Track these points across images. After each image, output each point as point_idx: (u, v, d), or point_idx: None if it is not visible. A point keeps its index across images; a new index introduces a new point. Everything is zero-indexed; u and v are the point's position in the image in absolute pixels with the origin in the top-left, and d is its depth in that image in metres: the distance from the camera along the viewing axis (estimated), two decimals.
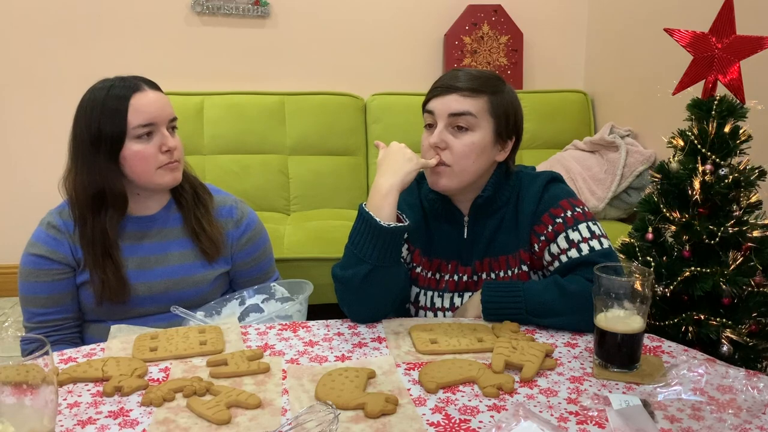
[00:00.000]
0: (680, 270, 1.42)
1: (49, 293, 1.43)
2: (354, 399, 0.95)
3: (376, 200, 1.25)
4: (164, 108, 1.42)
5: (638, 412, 0.90)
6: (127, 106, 1.37)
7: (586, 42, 3.46)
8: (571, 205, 1.34)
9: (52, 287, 1.44)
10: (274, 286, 1.51)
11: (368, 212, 1.23)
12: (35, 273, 1.43)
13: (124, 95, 1.38)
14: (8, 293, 3.08)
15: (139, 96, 1.39)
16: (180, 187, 1.49)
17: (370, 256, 1.21)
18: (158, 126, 1.40)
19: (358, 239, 1.23)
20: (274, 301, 1.50)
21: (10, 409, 0.76)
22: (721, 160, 1.43)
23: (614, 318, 1.06)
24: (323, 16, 3.24)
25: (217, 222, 1.52)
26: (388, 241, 1.22)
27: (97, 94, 1.40)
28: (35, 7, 3.01)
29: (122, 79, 1.43)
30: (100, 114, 1.37)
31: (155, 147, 1.40)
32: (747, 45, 1.41)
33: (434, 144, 1.31)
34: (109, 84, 1.41)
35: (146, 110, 1.39)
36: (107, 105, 1.38)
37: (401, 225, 1.23)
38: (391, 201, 1.24)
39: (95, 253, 1.41)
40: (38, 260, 1.43)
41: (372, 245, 1.21)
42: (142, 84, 1.42)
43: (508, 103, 1.34)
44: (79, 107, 1.42)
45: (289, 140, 3.11)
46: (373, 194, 1.26)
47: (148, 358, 1.11)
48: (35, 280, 1.43)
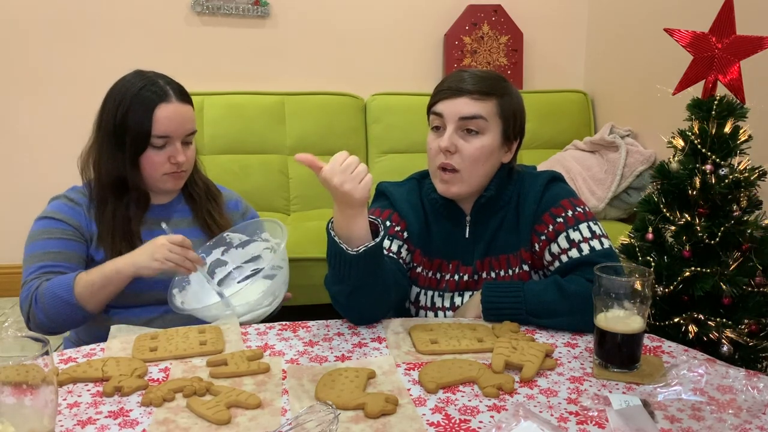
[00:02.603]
0: (680, 270, 1.43)
1: (60, 249, 1.43)
2: (354, 399, 0.95)
3: (343, 223, 1.14)
4: (183, 124, 1.47)
5: (638, 412, 0.90)
6: (152, 116, 1.42)
7: (586, 42, 3.46)
8: (572, 204, 1.34)
9: (63, 244, 1.43)
10: (228, 236, 1.51)
11: (335, 240, 1.14)
12: (48, 231, 1.44)
13: (150, 103, 1.43)
14: (8, 293, 3.08)
15: (164, 107, 1.43)
16: (193, 182, 1.57)
17: (349, 278, 1.16)
18: (173, 139, 1.46)
19: (333, 262, 1.17)
20: (234, 249, 1.51)
21: (10, 409, 0.76)
22: (721, 160, 1.43)
23: (614, 318, 1.06)
24: (323, 16, 3.24)
25: (226, 214, 1.60)
26: (363, 263, 1.15)
27: (129, 90, 1.44)
28: (34, 7, 3.01)
29: (153, 82, 1.46)
30: (127, 111, 1.43)
31: (165, 156, 1.46)
32: (747, 45, 1.41)
33: (445, 148, 1.30)
34: (141, 84, 1.45)
35: (166, 124, 1.43)
36: (134, 107, 1.42)
37: (373, 244, 1.14)
38: (359, 221, 1.14)
39: (113, 237, 1.44)
40: (51, 221, 1.45)
41: (348, 269, 1.15)
42: (171, 93, 1.45)
43: (515, 105, 1.35)
44: (110, 96, 1.47)
45: (289, 140, 3.11)
46: (337, 219, 1.15)
47: (148, 358, 1.11)
48: (47, 237, 1.43)
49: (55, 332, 1.41)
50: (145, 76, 1.47)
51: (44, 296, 1.35)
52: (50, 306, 1.34)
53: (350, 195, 1.10)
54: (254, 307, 1.35)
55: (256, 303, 1.35)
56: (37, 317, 1.36)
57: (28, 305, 1.37)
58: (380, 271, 1.20)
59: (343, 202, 1.12)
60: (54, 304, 1.34)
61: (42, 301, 1.35)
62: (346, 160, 1.11)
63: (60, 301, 1.34)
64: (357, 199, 1.11)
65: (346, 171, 1.10)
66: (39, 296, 1.35)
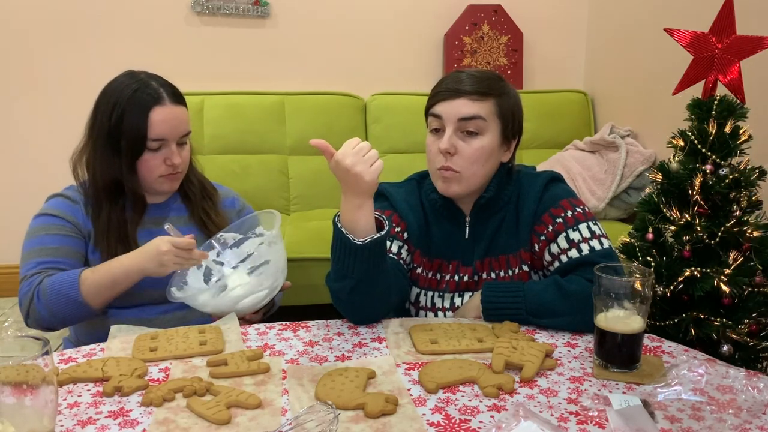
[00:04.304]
0: (680, 270, 1.43)
1: (59, 245, 1.43)
2: (354, 399, 0.95)
3: (349, 215, 1.16)
4: (178, 126, 1.47)
5: (638, 412, 0.90)
6: (147, 119, 1.42)
7: (586, 42, 3.47)
8: (571, 204, 1.34)
9: (62, 240, 1.43)
10: (222, 236, 1.50)
11: (342, 230, 1.16)
12: (46, 228, 1.44)
13: (145, 107, 1.42)
14: (8, 293, 3.08)
15: (159, 110, 1.43)
16: (188, 181, 1.57)
17: (353, 271, 1.17)
18: (168, 141, 1.46)
19: (338, 255, 1.18)
20: (229, 249, 1.50)
21: (10, 409, 0.76)
22: (721, 160, 1.43)
23: (614, 318, 1.06)
24: (323, 16, 3.24)
25: (222, 212, 1.60)
26: (367, 255, 1.16)
27: (123, 93, 1.44)
28: (34, 7, 3.01)
29: (147, 84, 1.45)
30: (122, 115, 1.42)
31: (160, 159, 1.46)
32: (747, 45, 1.41)
33: (445, 149, 1.30)
34: (135, 87, 1.44)
35: (161, 126, 1.44)
36: (129, 111, 1.42)
37: (379, 236, 1.16)
38: (365, 212, 1.16)
39: (108, 239, 1.45)
40: (49, 218, 1.45)
41: (352, 261, 1.16)
42: (165, 96, 1.45)
43: (513, 104, 1.35)
44: (103, 98, 1.46)
45: (289, 140, 3.11)
46: (344, 209, 1.17)
47: (148, 358, 1.11)
48: (46, 233, 1.43)
49: (54, 328, 1.41)
50: (138, 78, 1.47)
51: (47, 292, 1.34)
52: (54, 303, 1.34)
53: (361, 177, 1.12)
54: (255, 289, 1.33)
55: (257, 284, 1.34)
56: (38, 313, 1.36)
57: (29, 301, 1.36)
58: (383, 266, 1.21)
59: (351, 189, 1.14)
60: (59, 301, 1.34)
61: (45, 298, 1.34)
62: (359, 144, 1.15)
63: (65, 298, 1.34)
64: (367, 182, 1.12)
65: (358, 154, 1.13)
66: (41, 292, 1.35)
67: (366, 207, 1.16)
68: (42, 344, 0.78)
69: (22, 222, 1.54)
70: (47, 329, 1.40)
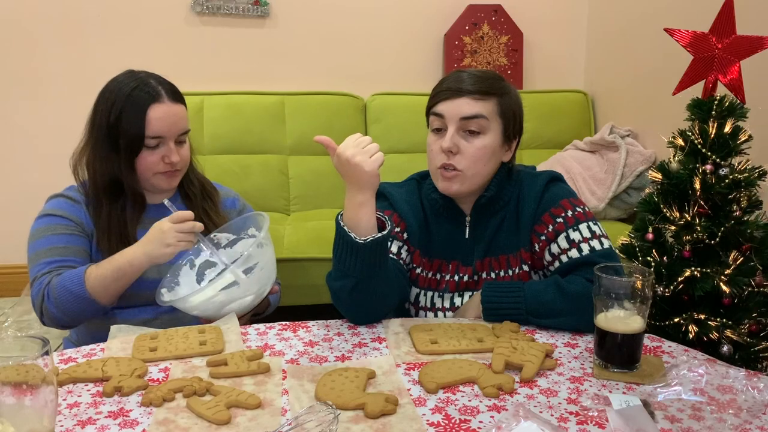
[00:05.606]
0: (680, 270, 1.43)
1: (66, 244, 1.43)
2: (354, 399, 0.95)
3: (352, 212, 1.18)
4: (176, 123, 1.47)
5: (638, 413, 0.90)
6: (145, 116, 1.42)
7: (586, 42, 3.46)
8: (571, 204, 1.34)
9: (68, 239, 1.44)
10: (216, 236, 1.50)
11: (344, 228, 1.17)
12: (50, 228, 1.44)
13: (143, 104, 1.43)
14: (8, 293, 3.07)
15: (156, 108, 1.44)
16: (188, 181, 1.57)
17: (354, 270, 1.18)
18: (166, 139, 1.46)
19: (339, 253, 1.19)
20: (223, 249, 1.50)
21: (10, 409, 0.76)
22: (721, 160, 1.43)
23: (614, 318, 1.06)
24: (323, 16, 3.24)
25: (223, 212, 1.60)
26: (369, 254, 1.17)
27: (121, 91, 1.44)
28: (35, 7, 3.01)
29: (145, 82, 1.46)
30: (120, 113, 1.43)
31: (158, 156, 1.46)
32: (747, 45, 1.41)
33: (447, 149, 1.30)
34: (133, 85, 1.45)
35: (158, 124, 1.44)
36: (127, 109, 1.43)
37: (381, 235, 1.17)
38: (367, 210, 1.18)
39: (109, 239, 1.45)
40: (52, 218, 1.45)
41: (354, 260, 1.17)
42: (162, 94, 1.45)
43: (515, 104, 1.35)
44: (102, 97, 1.47)
45: (289, 140, 3.11)
46: (347, 206, 1.19)
47: (148, 358, 1.11)
48: (51, 233, 1.43)
49: (70, 326, 1.43)
50: (137, 77, 1.47)
51: (56, 291, 1.35)
52: (62, 300, 1.35)
53: (361, 167, 1.15)
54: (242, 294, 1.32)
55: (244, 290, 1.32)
56: (50, 312, 1.37)
57: (41, 300, 1.37)
58: (384, 267, 1.22)
59: (353, 182, 1.17)
60: (67, 298, 1.35)
61: (54, 296, 1.35)
62: (360, 138, 1.19)
63: (72, 295, 1.34)
64: (367, 172, 1.15)
65: (359, 146, 1.17)
66: (51, 291, 1.36)
67: (368, 205, 1.18)
68: (42, 344, 0.78)
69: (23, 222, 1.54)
70: (63, 327, 1.41)
